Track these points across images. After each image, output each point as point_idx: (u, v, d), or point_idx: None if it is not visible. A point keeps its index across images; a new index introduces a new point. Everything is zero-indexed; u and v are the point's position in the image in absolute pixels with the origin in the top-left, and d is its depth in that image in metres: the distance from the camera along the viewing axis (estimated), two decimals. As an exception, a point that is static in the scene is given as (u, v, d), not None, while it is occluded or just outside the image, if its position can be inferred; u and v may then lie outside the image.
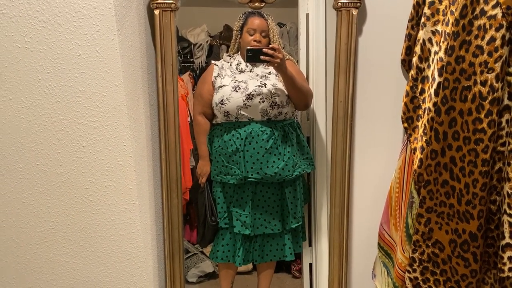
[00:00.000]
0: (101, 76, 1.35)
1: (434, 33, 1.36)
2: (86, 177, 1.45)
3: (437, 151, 1.32)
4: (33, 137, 1.42)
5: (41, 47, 1.33)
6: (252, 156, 1.66)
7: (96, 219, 1.50)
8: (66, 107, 1.39)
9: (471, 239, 1.30)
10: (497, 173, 1.28)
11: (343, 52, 1.52)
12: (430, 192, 1.36)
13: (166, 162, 1.57)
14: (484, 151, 1.23)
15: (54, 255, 1.54)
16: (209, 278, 2.16)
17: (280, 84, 1.69)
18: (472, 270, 1.33)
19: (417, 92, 1.44)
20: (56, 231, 1.51)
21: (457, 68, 1.24)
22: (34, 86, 1.36)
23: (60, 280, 1.57)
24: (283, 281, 2.17)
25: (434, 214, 1.37)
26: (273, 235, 1.78)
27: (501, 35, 1.15)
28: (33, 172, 1.45)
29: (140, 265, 1.55)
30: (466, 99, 1.24)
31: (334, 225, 1.65)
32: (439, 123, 1.30)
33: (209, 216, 1.76)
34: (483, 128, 1.22)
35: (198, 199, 1.85)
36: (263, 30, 1.70)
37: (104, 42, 1.32)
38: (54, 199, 1.48)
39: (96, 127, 1.40)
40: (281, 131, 1.69)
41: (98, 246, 1.53)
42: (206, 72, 1.81)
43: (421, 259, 1.42)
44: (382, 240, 1.64)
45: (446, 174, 1.33)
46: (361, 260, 1.76)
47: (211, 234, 1.80)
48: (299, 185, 1.78)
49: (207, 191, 1.80)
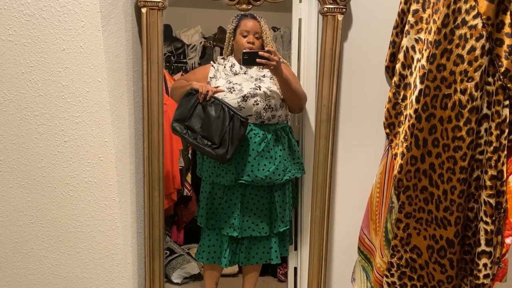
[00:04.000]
0: (84, 72, 1.35)
1: (417, 40, 1.37)
2: (67, 172, 1.45)
3: (417, 157, 1.33)
4: (14, 130, 1.41)
5: (25, 40, 1.33)
6: (243, 158, 1.66)
7: (75, 214, 1.49)
8: (49, 102, 1.38)
9: (448, 245, 1.32)
10: (475, 180, 1.29)
11: (328, 56, 1.53)
12: (409, 198, 1.38)
13: (149, 160, 1.57)
14: (462, 158, 1.25)
15: (32, 249, 1.53)
16: (194, 280, 2.15)
17: (274, 87, 1.69)
18: (448, 276, 1.35)
19: (399, 99, 1.45)
20: (35, 225, 1.51)
21: (438, 76, 1.25)
22: (17, 79, 1.36)
23: (38, 275, 1.56)
24: (268, 284, 2.16)
25: (413, 219, 1.39)
26: (260, 237, 1.77)
27: (481, 45, 1.17)
28: (13, 166, 1.44)
29: (119, 262, 1.55)
30: (446, 107, 1.25)
31: (315, 228, 1.66)
32: (420, 129, 1.31)
33: (239, 113, 1.62)
34: (462, 136, 1.24)
35: (207, 113, 1.63)
36: (256, 32, 1.70)
37: (89, 37, 1.32)
38: (34, 193, 1.47)
39: (78, 122, 1.40)
40: (273, 135, 1.69)
41: (77, 241, 1.52)
42: (203, 67, 1.80)
43: (399, 264, 1.43)
44: (362, 244, 1.65)
45: (425, 180, 1.34)
46: (342, 263, 1.77)
47: (244, 131, 1.64)
48: (288, 189, 1.78)
49: (218, 98, 1.65)
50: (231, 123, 1.60)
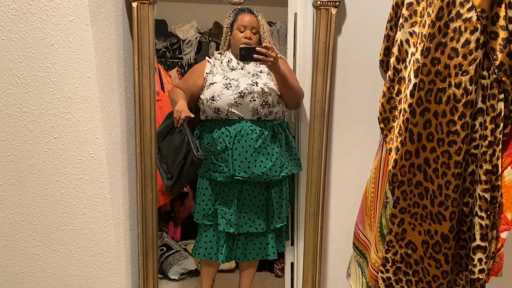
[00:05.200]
0: (73, 67, 1.33)
1: (412, 34, 1.36)
2: (58, 169, 1.43)
3: (411, 152, 1.32)
4: (3, 127, 1.39)
5: (12, 35, 1.30)
6: (240, 154, 1.65)
7: (67, 212, 1.48)
8: (38, 98, 1.36)
9: (443, 240, 1.31)
10: (470, 175, 1.28)
11: (321, 50, 1.51)
12: (404, 193, 1.37)
13: (141, 157, 1.55)
14: (457, 153, 1.24)
15: (24, 247, 1.52)
16: (191, 276, 2.15)
17: (271, 83, 1.68)
18: (443, 271, 1.34)
19: (394, 93, 1.44)
20: (26, 223, 1.49)
21: (433, 70, 1.24)
22: (5, 75, 1.34)
23: (30, 273, 1.55)
24: (265, 279, 2.16)
25: (408, 214, 1.38)
26: (256, 234, 1.77)
27: (475, 38, 1.16)
28: (3, 163, 1.43)
29: (111, 260, 1.53)
30: (440, 101, 1.24)
31: (309, 224, 1.65)
32: (414, 124, 1.30)
33: (195, 151, 1.63)
34: (457, 130, 1.22)
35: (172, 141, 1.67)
36: (253, 27, 1.69)
37: (77, 32, 1.30)
38: (25, 191, 1.46)
39: (68, 119, 1.38)
40: (270, 131, 1.68)
41: (69, 239, 1.51)
42: (199, 65, 1.78)
43: (394, 260, 1.42)
44: (357, 239, 1.64)
45: (420, 175, 1.33)
46: (337, 259, 1.76)
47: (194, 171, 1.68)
48: (285, 185, 1.77)
49: (187, 128, 1.65)
50: (184, 159, 1.63)
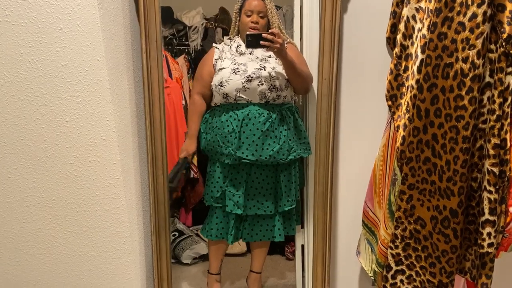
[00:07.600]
0: (82, 50, 1.35)
1: (418, 10, 1.35)
2: (70, 152, 1.46)
3: (419, 128, 1.32)
4: (16, 112, 1.42)
5: (22, 21, 1.32)
6: (248, 137, 1.67)
7: (81, 193, 1.51)
8: (49, 82, 1.38)
9: (451, 215, 1.31)
10: (478, 150, 1.28)
11: (328, 29, 1.51)
12: (412, 169, 1.37)
13: (151, 139, 1.57)
14: (465, 128, 1.24)
15: (40, 229, 1.56)
16: (203, 260, 2.18)
17: (279, 67, 1.68)
18: (452, 246, 1.35)
19: (401, 70, 1.43)
20: (42, 206, 1.53)
21: (439, 45, 1.23)
22: (16, 60, 1.36)
23: (47, 255, 1.59)
24: (276, 262, 2.19)
25: (416, 191, 1.38)
26: (264, 216, 1.79)
27: (482, 11, 1.15)
28: (18, 147, 1.46)
29: (125, 240, 1.57)
30: (448, 76, 1.24)
31: (318, 203, 1.66)
32: (422, 100, 1.30)
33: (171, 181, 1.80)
34: (464, 105, 1.22)
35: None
36: (261, 11, 1.69)
37: (85, 16, 1.31)
38: (39, 174, 1.49)
39: (79, 102, 1.40)
40: (278, 115, 1.69)
41: (83, 220, 1.54)
42: (207, 54, 1.81)
43: (403, 236, 1.43)
44: (366, 217, 1.65)
45: (428, 151, 1.33)
46: (346, 237, 1.78)
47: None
48: (295, 169, 1.78)
49: (180, 163, 1.83)
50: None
